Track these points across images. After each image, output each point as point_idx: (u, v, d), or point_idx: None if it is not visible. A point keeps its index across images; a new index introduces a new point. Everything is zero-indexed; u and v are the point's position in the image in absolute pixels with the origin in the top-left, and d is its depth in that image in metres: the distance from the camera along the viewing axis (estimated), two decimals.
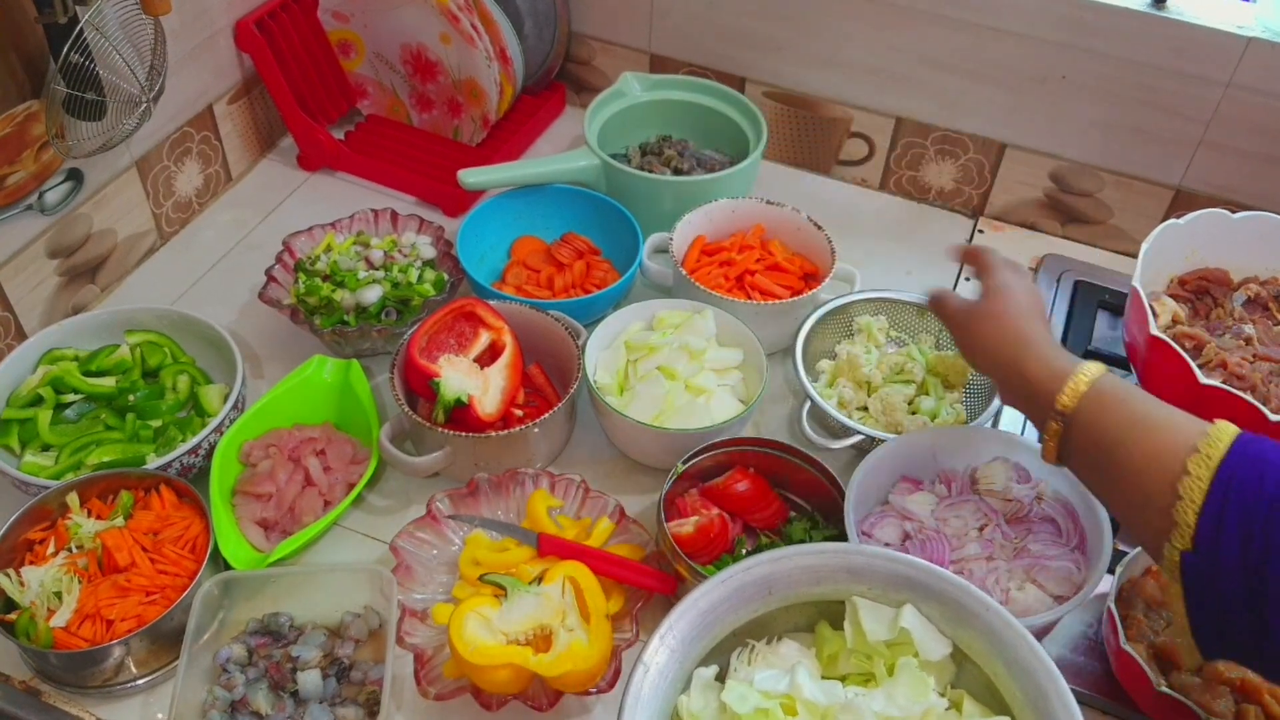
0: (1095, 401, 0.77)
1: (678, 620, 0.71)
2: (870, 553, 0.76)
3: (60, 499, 0.96)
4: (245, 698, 0.87)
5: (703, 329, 1.10)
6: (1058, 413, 0.78)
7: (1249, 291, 1.16)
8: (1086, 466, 0.79)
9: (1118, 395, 0.77)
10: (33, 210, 1.12)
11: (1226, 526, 0.66)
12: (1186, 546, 0.68)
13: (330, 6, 1.42)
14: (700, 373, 1.07)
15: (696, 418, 1.04)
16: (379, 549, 1.02)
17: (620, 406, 1.04)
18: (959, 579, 0.73)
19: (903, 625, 0.73)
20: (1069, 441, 0.79)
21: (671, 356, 1.08)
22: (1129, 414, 0.75)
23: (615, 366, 1.10)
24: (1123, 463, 0.73)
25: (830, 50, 1.38)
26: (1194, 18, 1.19)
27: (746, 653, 0.78)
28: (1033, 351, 0.82)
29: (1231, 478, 0.66)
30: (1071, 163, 1.36)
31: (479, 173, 1.28)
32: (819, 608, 0.79)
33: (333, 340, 1.15)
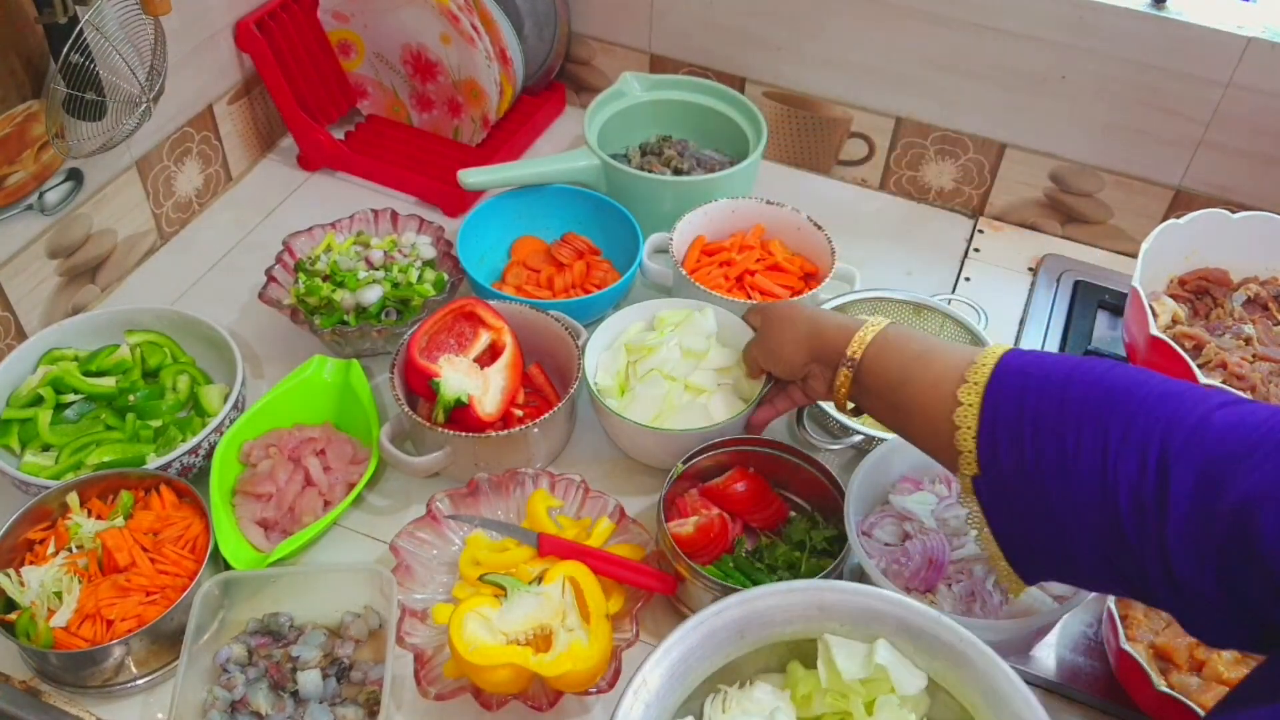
0: (879, 346, 0.84)
1: (651, 672, 0.69)
2: (841, 588, 0.74)
3: (60, 499, 0.96)
4: (245, 698, 0.87)
5: (703, 327, 1.10)
6: (846, 359, 0.85)
7: (1249, 291, 1.16)
8: (879, 409, 0.85)
9: (900, 337, 0.83)
10: (33, 210, 1.12)
11: (1000, 446, 0.69)
12: (974, 472, 0.71)
13: (330, 7, 1.42)
14: (697, 372, 1.07)
15: (695, 418, 1.04)
16: (379, 549, 1.02)
17: (620, 409, 1.04)
18: (931, 610, 0.72)
19: (878, 662, 0.72)
20: (860, 386, 0.85)
21: (670, 356, 1.08)
22: (910, 352, 0.81)
23: (615, 368, 1.10)
24: (909, 399, 0.79)
25: (830, 50, 1.39)
26: (1194, 18, 1.19)
27: (720, 699, 0.75)
28: (823, 320, 0.91)
29: (997, 400, 0.70)
30: (1071, 163, 1.36)
31: (479, 173, 1.28)
32: (789, 647, 0.77)
33: (333, 340, 1.15)
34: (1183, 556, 0.61)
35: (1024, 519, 0.70)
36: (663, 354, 1.08)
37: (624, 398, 1.08)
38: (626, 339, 1.11)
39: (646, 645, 0.95)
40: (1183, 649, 0.89)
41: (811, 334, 0.91)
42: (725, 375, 1.08)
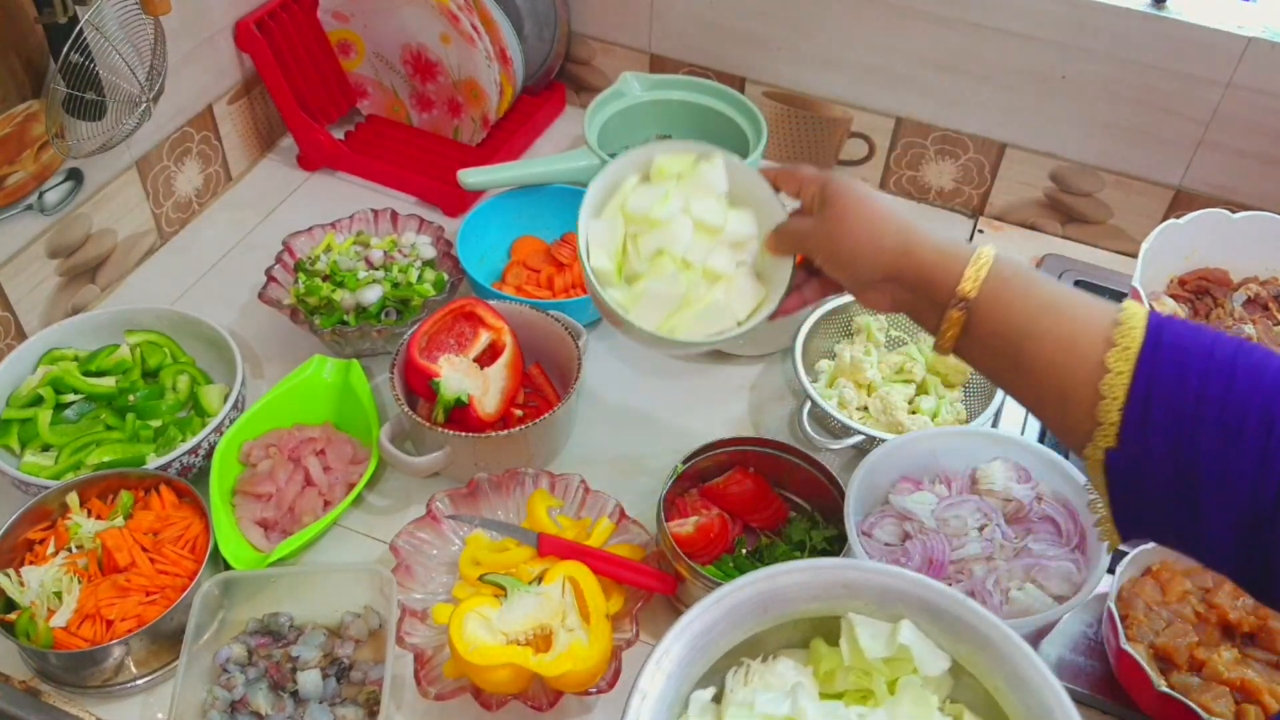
0: (997, 286, 0.72)
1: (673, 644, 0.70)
2: (866, 567, 0.74)
3: (60, 499, 0.96)
4: (245, 698, 0.87)
5: (713, 184, 0.89)
6: (960, 299, 0.72)
7: (1249, 291, 1.16)
8: (990, 357, 0.73)
9: (1021, 277, 0.72)
10: (33, 210, 1.12)
11: (1152, 424, 0.64)
12: (1111, 445, 0.65)
13: (330, 7, 1.42)
14: (714, 252, 0.87)
15: (714, 319, 0.86)
16: (379, 549, 1.02)
17: (626, 305, 0.87)
18: (956, 592, 0.72)
19: (901, 642, 0.72)
20: (970, 331, 0.73)
21: (680, 233, 0.87)
22: (1036, 299, 0.70)
23: (613, 243, 0.89)
24: (1034, 354, 0.69)
25: (830, 50, 1.38)
26: (1194, 18, 1.19)
27: (742, 672, 0.75)
28: (917, 236, 0.75)
29: (1154, 373, 0.64)
30: (1071, 162, 1.36)
31: (479, 173, 1.28)
32: (813, 623, 0.77)
33: (332, 340, 1.15)
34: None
35: (1159, 499, 0.65)
36: (672, 229, 0.87)
37: (630, 289, 0.88)
38: (623, 202, 0.90)
39: (647, 645, 0.95)
40: (1183, 649, 0.89)
41: (902, 248, 0.76)
42: (742, 250, 0.89)
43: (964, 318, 0.73)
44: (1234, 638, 0.92)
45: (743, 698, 0.74)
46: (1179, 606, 0.93)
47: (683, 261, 0.87)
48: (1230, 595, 0.93)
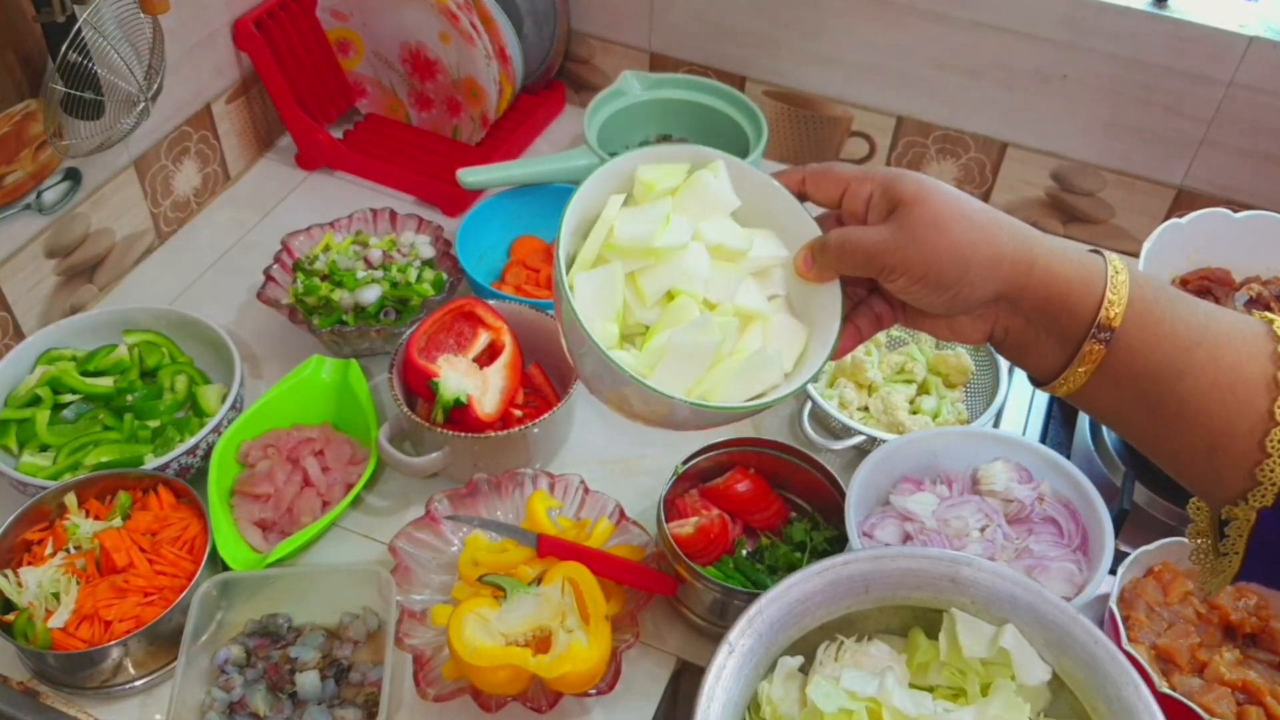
0: (1144, 310, 0.58)
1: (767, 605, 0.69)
2: (980, 565, 0.73)
3: (58, 499, 0.95)
4: (243, 699, 0.87)
5: (718, 198, 0.67)
6: (1102, 329, 0.57)
7: (1251, 291, 1.16)
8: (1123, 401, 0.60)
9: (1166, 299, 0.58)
10: (30, 210, 1.12)
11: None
12: (1267, 504, 0.56)
13: (329, 5, 1.42)
14: (743, 284, 0.66)
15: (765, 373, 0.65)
16: (378, 550, 1.02)
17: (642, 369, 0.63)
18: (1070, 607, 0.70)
19: (1002, 645, 0.70)
20: (1104, 371, 0.59)
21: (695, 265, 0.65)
22: (1185, 326, 0.57)
23: (610, 296, 0.65)
24: (1183, 399, 0.57)
25: (831, 49, 1.38)
26: (1196, 17, 1.19)
27: (834, 648, 0.74)
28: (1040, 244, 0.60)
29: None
30: (1073, 162, 1.35)
31: (478, 172, 1.28)
32: (915, 612, 0.76)
33: (331, 340, 1.15)
34: None
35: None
36: (685, 262, 0.65)
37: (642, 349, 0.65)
38: (609, 234, 0.65)
39: (646, 646, 0.95)
40: (1184, 650, 0.89)
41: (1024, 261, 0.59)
42: (768, 279, 0.68)
43: (1103, 354, 0.58)
44: (1236, 639, 0.91)
45: (830, 671, 0.73)
46: (1181, 607, 0.93)
47: (704, 302, 0.66)
48: (1232, 596, 0.92)
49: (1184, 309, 0.58)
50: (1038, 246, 0.60)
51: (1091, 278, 0.58)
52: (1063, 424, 1.18)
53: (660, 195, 0.66)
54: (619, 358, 0.62)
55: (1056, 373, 0.61)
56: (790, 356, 0.66)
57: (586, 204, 0.65)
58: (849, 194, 0.64)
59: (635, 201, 0.67)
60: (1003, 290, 0.60)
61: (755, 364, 0.64)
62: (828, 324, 0.66)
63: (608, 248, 0.65)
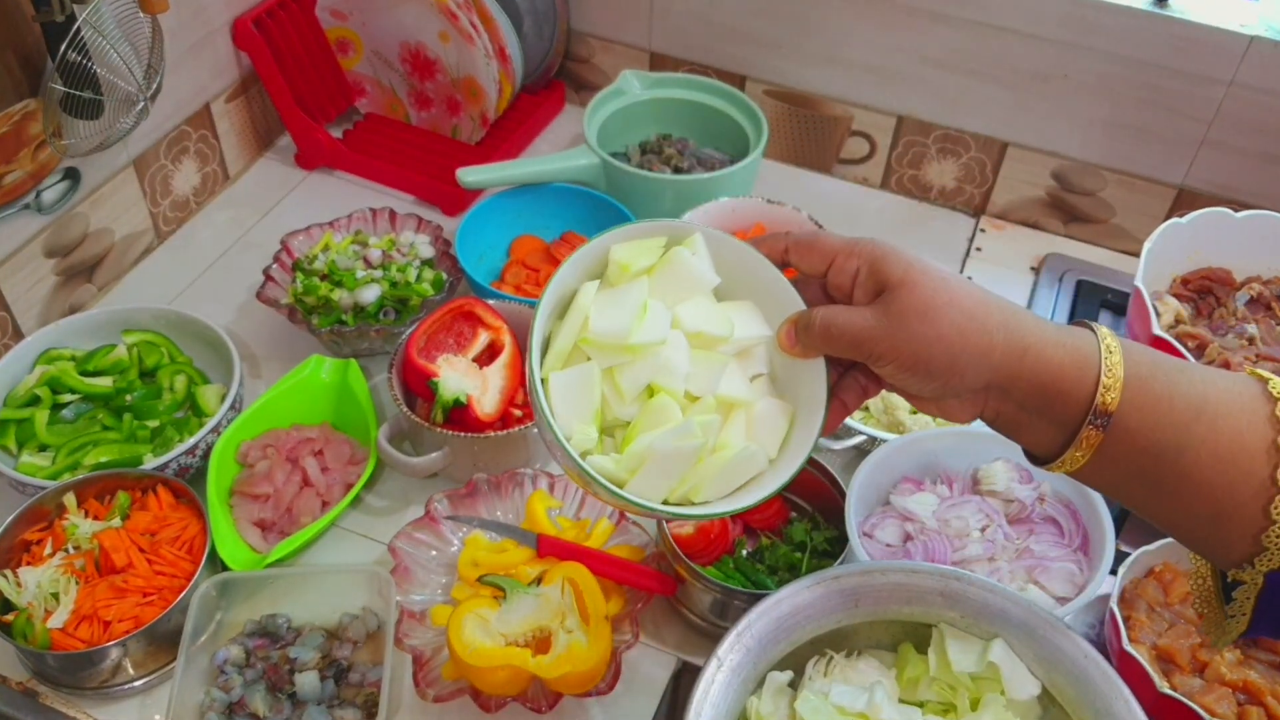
0: (1140, 389, 0.57)
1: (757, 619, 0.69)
2: (970, 579, 0.72)
3: (57, 499, 0.95)
4: (243, 699, 0.87)
5: (696, 276, 0.65)
6: (1098, 415, 0.57)
7: (1252, 291, 1.16)
8: (1124, 479, 0.60)
9: (1159, 376, 0.58)
10: (30, 209, 1.11)
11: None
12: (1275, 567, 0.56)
13: (328, 4, 1.42)
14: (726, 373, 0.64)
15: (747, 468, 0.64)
16: (377, 550, 1.02)
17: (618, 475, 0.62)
18: (1059, 619, 0.70)
19: (992, 660, 0.70)
20: (1103, 451, 0.58)
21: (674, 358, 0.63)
22: (1183, 402, 0.57)
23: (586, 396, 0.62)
24: (1184, 474, 0.57)
25: (831, 48, 1.38)
26: (1196, 16, 1.18)
27: (824, 663, 0.74)
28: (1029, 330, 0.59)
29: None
30: (1074, 161, 1.35)
31: (478, 171, 1.28)
32: (904, 627, 0.75)
33: (331, 340, 1.15)
34: None
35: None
36: (663, 357, 0.63)
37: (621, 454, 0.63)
38: (589, 333, 0.62)
39: (646, 646, 0.95)
40: (1185, 651, 0.89)
41: (1016, 348, 0.58)
42: (750, 359, 0.66)
43: (1101, 439, 0.58)
44: None
45: (820, 686, 0.73)
46: (1181, 608, 0.92)
47: (686, 394, 0.64)
48: None
49: (1181, 381, 0.58)
50: (1030, 335, 0.59)
51: (1085, 362, 0.58)
52: None
53: (636, 275, 0.64)
54: (597, 464, 0.61)
55: (1054, 454, 0.60)
56: (775, 442, 0.64)
57: (562, 287, 0.63)
58: (835, 268, 0.62)
59: (610, 283, 0.65)
60: (993, 380, 0.59)
61: (737, 462, 0.63)
62: (813, 402, 0.64)
63: (583, 341, 0.63)
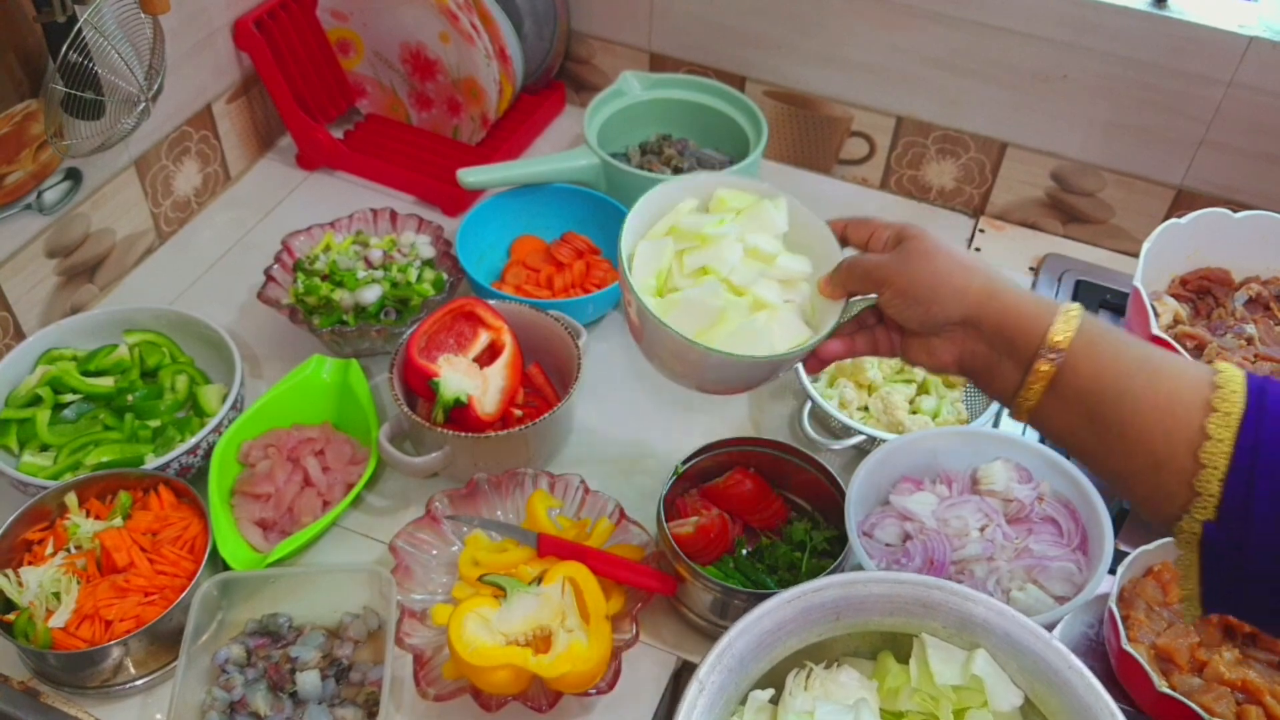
0: (1092, 339, 0.67)
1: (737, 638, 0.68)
2: (951, 589, 0.72)
3: (59, 499, 0.95)
4: (244, 698, 0.87)
5: (773, 222, 0.86)
6: (1050, 350, 0.67)
7: (1250, 291, 1.16)
8: (1075, 420, 0.68)
9: (1112, 334, 0.67)
10: (31, 210, 1.12)
11: (1258, 497, 0.59)
12: (1210, 517, 0.61)
13: (329, 5, 1.42)
14: (762, 281, 0.83)
15: (752, 341, 0.79)
16: (378, 549, 1.02)
17: (659, 312, 0.80)
18: (1043, 631, 0.70)
19: (975, 672, 0.70)
20: (1057, 389, 0.68)
21: (729, 254, 0.83)
22: (1130, 356, 0.66)
23: (658, 262, 0.85)
24: (1127, 416, 0.64)
25: (831, 49, 1.38)
26: (1196, 17, 1.19)
27: (803, 675, 0.73)
28: (1003, 283, 0.71)
29: (1259, 441, 0.60)
30: (1073, 162, 1.35)
31: (478, 172, 1.28)
32: (884, 636, 0.75)
33: (332, 340, 1.15)
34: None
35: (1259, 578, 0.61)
36: (721, 249, 0.83)
37: (664, 300, 0.83)
38: (675, 220, 0.86)
39: (646, 646, 0.96)
40: (1184, 650, 0.89)
41: (986, 291, 0.70)
42: (792, 290, 0.84)
43: (1053, 372, 0.67)
44: (1235, 638, 0.91)
45: (802, 704, 0.72)
46: (1181, 607, 0.93)
47: (727, 282, 0.82)
48: None
49: (1131, 343, 0.67)
50: (1003, 286, 0.71)
51: (1045, 309, 0.68)
52: None
53: (729, 211, 0.85)
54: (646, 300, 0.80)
55: (1015, 392, 0.70)
56: (783, 345, 0.79)
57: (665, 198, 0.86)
58: (874, 237, 0.79)
59: (708, 211, 0.86)
60: (967, 314, 0.71)
61: (748, 332, 0.79)
62: (824, 330, 0.80)
63: (671, 230, 0.85)
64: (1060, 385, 0.67)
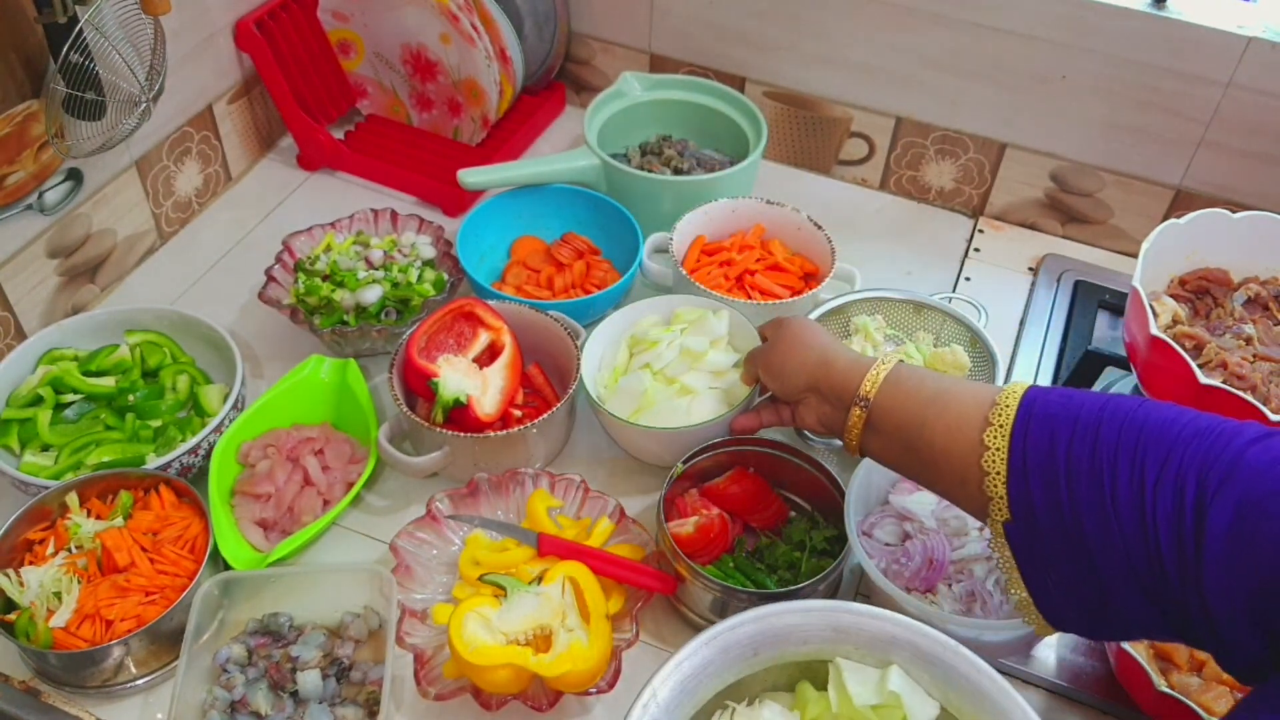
0: (894, 385, 0.80)
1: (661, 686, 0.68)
2: (858, 611, 0.72)
3: (60, 499, 0.95)
4: (245, 698, 0.87)
5: (713, 329, 1.08)
6: (860, 398, 0.81)
7: (1249, 291, 1.16)
8: (894, 452, 0.81)
9: (914, 376, 0.80)
10: (32, 210, 1.12)
11: (1033, 492, 0.67)
12: (1005, 517, 0.69)
13: (330, 6, 1.42)
14: (692, 373, 1.06)
15: (674, 417, 1.03)
16: (378, 549, 1.02)
17: (604, 398, 1.05)
18: (950, 640, 0.70)
19: (890, 689, 0.70)
20: (872, 429, 0.82)
21: (667, 354, 1.07)
22: (926, 392, 0.77)
23: (615, 361, 1.10)
24: (929, 442, 0.75)
25: (830, 50, 1.38)
26: (1194, 18, 1.19)
27: (728, 716, 0.74)
28: (835, 354, 0.87)
29: (1025, 443, 0.68)
30: (1072, 162, 1.35)
31: (479, 172, 1.28)
32: (800, 666, 0.76)
33: (332, 340, 1.15)
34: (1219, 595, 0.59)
35: (1059, 563, 0.68)
36: (660, 350, 1.07)
37: (611, 389, 1.08)
38: (636, 331, 1.11)
39: (646, 645, 0.96)
40: (1183, 649, 0.89)
41: (820, 363, 0.87)
42: (720, 379, 1.06)
43: (865, 415, 0.82)
44: None
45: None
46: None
47: (661, 375, 1.06)
48: None
49: (928, 383, 0.78)
50: (834, 355, 0.87)
51: (863, 369, 0.83)
52: None
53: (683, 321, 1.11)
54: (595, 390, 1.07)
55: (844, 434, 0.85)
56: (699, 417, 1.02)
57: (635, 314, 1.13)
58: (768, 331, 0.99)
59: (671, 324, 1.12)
60: (809, 382, 0.88)
61: (670, 411, 1.03)
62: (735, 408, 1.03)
63: (630, 339, 1.12)
64: (875, 423, 0.81)
